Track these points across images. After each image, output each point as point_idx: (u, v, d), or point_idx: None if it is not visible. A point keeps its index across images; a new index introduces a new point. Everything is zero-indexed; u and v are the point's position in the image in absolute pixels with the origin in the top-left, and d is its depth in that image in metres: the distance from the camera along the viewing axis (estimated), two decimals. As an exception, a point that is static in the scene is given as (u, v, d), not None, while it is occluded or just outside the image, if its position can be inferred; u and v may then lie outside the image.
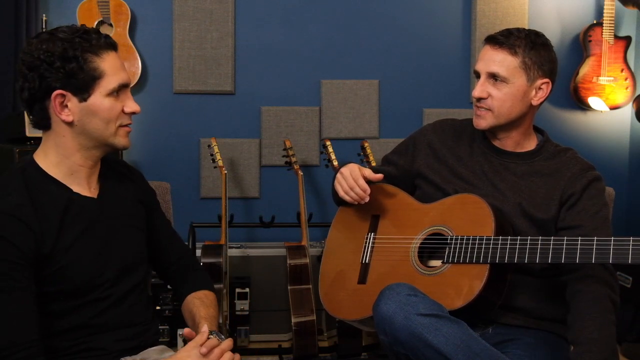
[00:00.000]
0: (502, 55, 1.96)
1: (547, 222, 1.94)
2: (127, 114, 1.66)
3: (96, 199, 1.68)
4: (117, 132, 1.65)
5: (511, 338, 1.91)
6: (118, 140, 1.66)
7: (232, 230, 3.47)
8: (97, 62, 1.58)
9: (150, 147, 3.75)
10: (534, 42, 1.96)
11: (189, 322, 1.81)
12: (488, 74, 1.97)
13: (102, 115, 1.61)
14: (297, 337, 3.21)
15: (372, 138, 3.85)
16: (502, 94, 1.96)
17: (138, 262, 1.75)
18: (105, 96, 1.60)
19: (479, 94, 1.99)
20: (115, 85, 1.61)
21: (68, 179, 1.64)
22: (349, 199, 2.07)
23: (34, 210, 1.55)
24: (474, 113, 2.04)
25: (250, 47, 3.80)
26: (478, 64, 2.01)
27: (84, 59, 1.57)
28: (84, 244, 1.62)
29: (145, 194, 1.85)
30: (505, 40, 1.96)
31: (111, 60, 1.61)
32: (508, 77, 1.95)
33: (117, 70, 1.62)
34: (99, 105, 1.60)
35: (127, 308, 1.69)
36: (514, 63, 1.95)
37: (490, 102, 1.98)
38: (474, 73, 2.04)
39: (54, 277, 1.57)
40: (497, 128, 2.02)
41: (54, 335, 1.58)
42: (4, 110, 3.39)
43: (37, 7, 3.50)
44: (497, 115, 1.98)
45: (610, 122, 4.05)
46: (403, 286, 1.81)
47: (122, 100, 1.64)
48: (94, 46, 1.59)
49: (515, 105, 1.97)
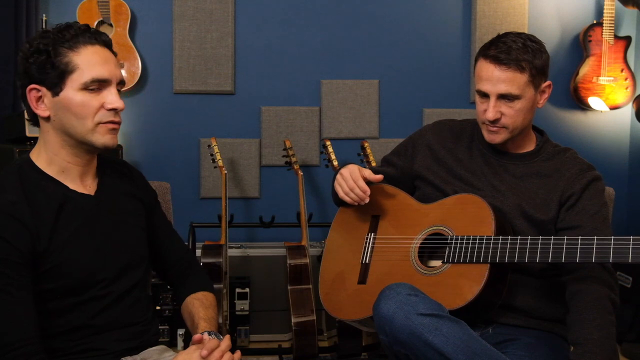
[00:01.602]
0: (511, 74, 1.91)
1: (546, 223, 1.94)
2: (109, 111, 1.58)
3: (93, 196, 1.67)
4: (95, 129, 1.58)
5: (511, 338, 1.91)
6: (96, 138, 1.59)
7: (232, 230, 3.47)
8: (70, 56, 1.55)
9: (150, 147, 3.75)
10: (534, 50, 1.93)
11: (188, 322, 1.81)
12: (499, 95, 1.93)
13: (75, 111, 1.56)
14: (297, 337, 3.21)
15: (372, 138, 3.85)
16: (515, 110, 1.94)
17: (138, 261, 1.74)
18: (78, 90, 1.56)
19: (493, 117, 1.94)
20: (87, 80, 1.55)
21: (62, 176, 1.63)
22: (349, 200, 2.07)
23: (28, 208, 1.54)
24: (485, 129, 2.00)
25: (250, 47, 3.80)
26: (483, 84, 1.94)
27: (55, 53, 1.54)
28: (81, 241, 1.61)
29: (146, 194, 1.84)
30: (508, 57, 1.90)
31: (89, 54, 1.56)
32: (520, 94, 1.92)
33: (94, 64, 1.56)
34: (70, 100, 1.56)
35: (127, 307, 1.68)
36: (523, 79, 1.91)
37: (505, 121, 1.95)
38: (477, 92, 1.98)
39: (50, 274, 1.56)
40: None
41: (54, 336, 1.58)
42: (4, 110, 3.39)
43: (37, 7, 3.50)
44: (512, 130, 1.97)
45: (610, 122, 4.05)
46: (403, 286, 1.81)
47: (104, 96, 1.58)
48: (69, 40, 1.55)
49: (527, 116, 1.97)
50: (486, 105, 1.95)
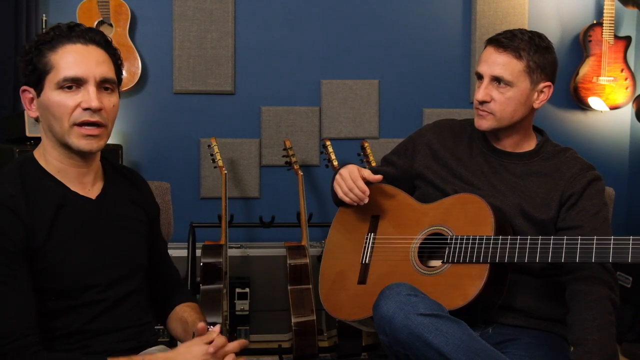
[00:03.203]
0: (507, 58, 1.93)
1: (546, 223, 1.94)
2: (85, 111, 1.54)
3: (94, 200, 1.65)
4: (71, 130, 1.55)
5: (511, 338, 1.91)
6: (72, 141, 1.55)
7: (232, 230, 3.47)
8: (49, 56, 1.54)
9: (150, 147, 3.75)
10: (538, 45, 1.95)
11: (179, 329, 1.80)
12: (492, 77, 1.95)
13: (52, 111, 1.54)
14: (297, 337, 3.21)
15: (372, 138, 3.85)
16: (505, 98, 1.95)
17: (136, 268, 1.72)
18: (54, 90, 1.53)
19: (482, 97, 1.96)
20: (59, 79, 1.52)
21: (61, 176, 1.62)
22: (348, 200, 2.07)
23: (26, 203, 1.53)
24: (476, 114, 2.02)
25: (250, 47, 3.80)
26: (481, 66, 1.99)
27: (37, 53, 1.54)
28: (76, 244, 1.59)
29: (150, 205, 1.83)
30: (509, 43, 1.93)
31: (65, 53, 1.54)
32: (512, 80, 1.93)
33: (68, 63, 1.53)
34: (49, 100, 1.54)
35: (124, 313, 1.65)
36: (518, 67, 1.93)
37: (492, 106, 1.96)
38: (476, 75, 2.02)
39: (45, 273, 1.54)
40: (498, 129, 2.01)
41: (53, 340, 1.56)
42: (4, 110, 3.39)
43: (37, 7, 3.50)
44: (500, 119, 1.97)
45: (610, 122, 4.05)
46: (403, 286, 1.81)
47: (82, 95, 1.54)
48: (50, 40, 1.55)
49: (518, 109, 1.97)
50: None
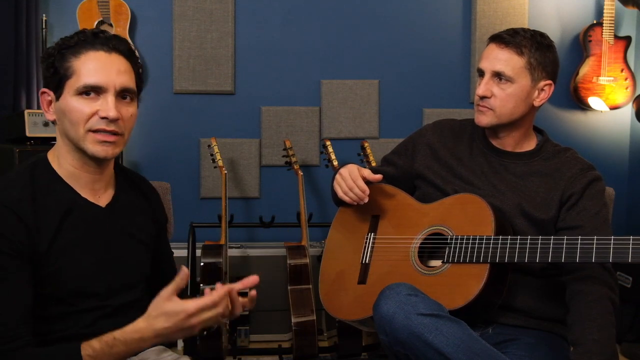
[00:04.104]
0: (508, 54, 1.95)
1: (546, 223, 1.94)
2: (102, 119, 1.55)
3: (104, 208, 1.65)
4: (85, 136, 1.56)
5: (511, 338, 1.91)
6: (87, 146, 1.56)
7: (232, 230, 3.47)
8: (71, 61, 1.55)
9: (150, 147, 3.75)
10: (540, 43, 1.96)
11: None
12: (493, 72, 1.97)
13: (70, 116, 1.55)
14: (297, 337, 3.21)
15: (372, 138, 3.85)
16: (506, 94, 1.96)
17: (138, 279, 1.72)
18: (73, 96, 1.55)
19: (482, 92, 1.98)
20: (79, 85, 1.54)
21: (72, 181, 1.62)
22: (348, 200, 2.07)
23: (33, 208, 1.53)
24: (476, 109, 2.03)
25: (250, 47, 3.80)
26: (482, 62, 2.01)
27: (60, 58, 1.56)
28: (81, 251, 1.59)
29: (159, 216, 1.83)
30: (511, 39, 1.95)
31: (88, 60, 1.56)
32: (513, 77, 1.95)
33: (90, 70, 1.55)
34: (67, 105, 1.56)
35: (124, 319, 1.61)
36: (519, 63, 1.95)
37: (492, 102, 1.97)
38: (477, 71, 2.04)
39: (48, 278, 1.54)
40: (497, 127, 2.02)
41: (51, 343, 1.54)
42: (4, 110, 3.39)
43: (37, 7, 3.50)
44: (499, 115, 1.98)
45: (610, 122, 4.05)
46: (403, 286, 1.81)
47: (100, 103, 1.55)
48: (73, 45, 1.56)
49: (518, 106, 1.97)
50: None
